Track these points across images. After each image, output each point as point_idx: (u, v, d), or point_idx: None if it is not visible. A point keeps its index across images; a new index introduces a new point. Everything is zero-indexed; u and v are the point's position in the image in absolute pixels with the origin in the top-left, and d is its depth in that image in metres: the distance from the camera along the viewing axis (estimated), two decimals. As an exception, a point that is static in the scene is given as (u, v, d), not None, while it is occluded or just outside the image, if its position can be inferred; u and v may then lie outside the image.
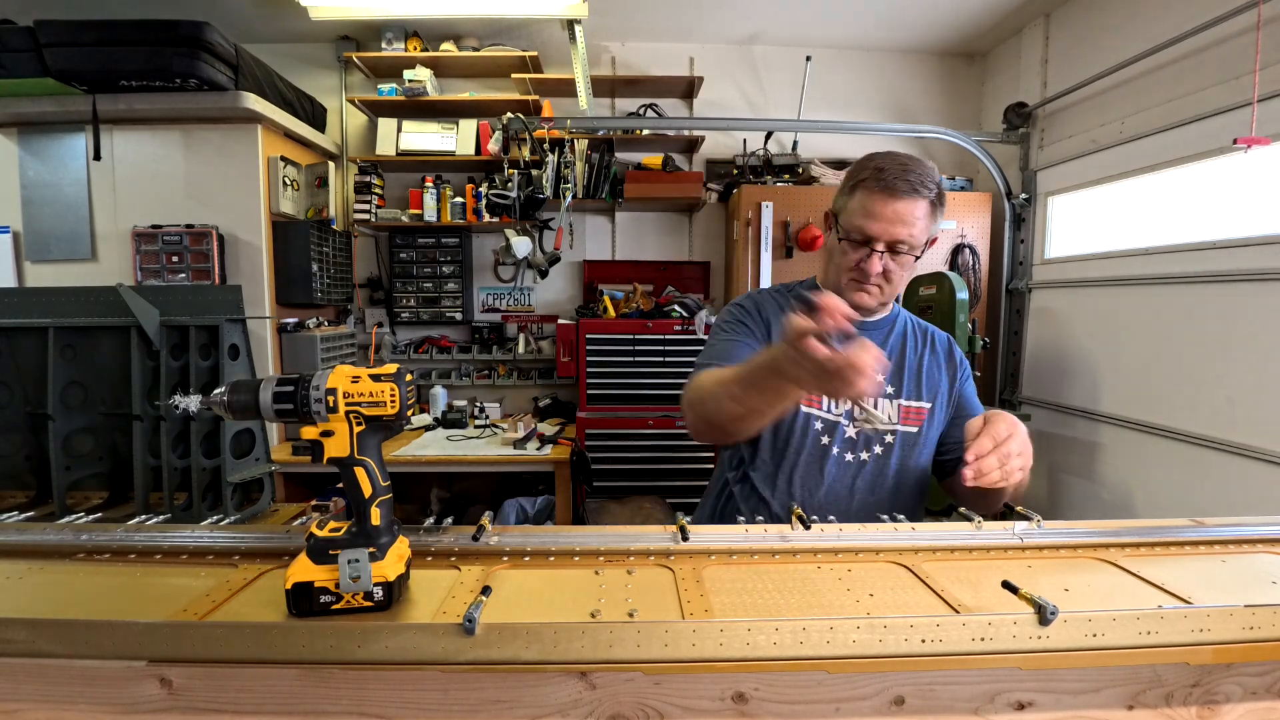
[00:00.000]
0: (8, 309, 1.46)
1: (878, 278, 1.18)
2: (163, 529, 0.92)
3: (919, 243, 1.17)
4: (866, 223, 1.14)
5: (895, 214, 1.13)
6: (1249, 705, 0.73)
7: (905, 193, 1.12)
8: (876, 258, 1.15)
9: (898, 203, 1.12)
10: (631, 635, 0.66)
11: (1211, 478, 2.37)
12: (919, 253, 1.18)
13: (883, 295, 1.23)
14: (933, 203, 1.16)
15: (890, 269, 1.18)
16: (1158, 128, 2.61)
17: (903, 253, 1.16)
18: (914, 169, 1.14)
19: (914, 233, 1.14)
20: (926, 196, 1.14)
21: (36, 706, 0.69)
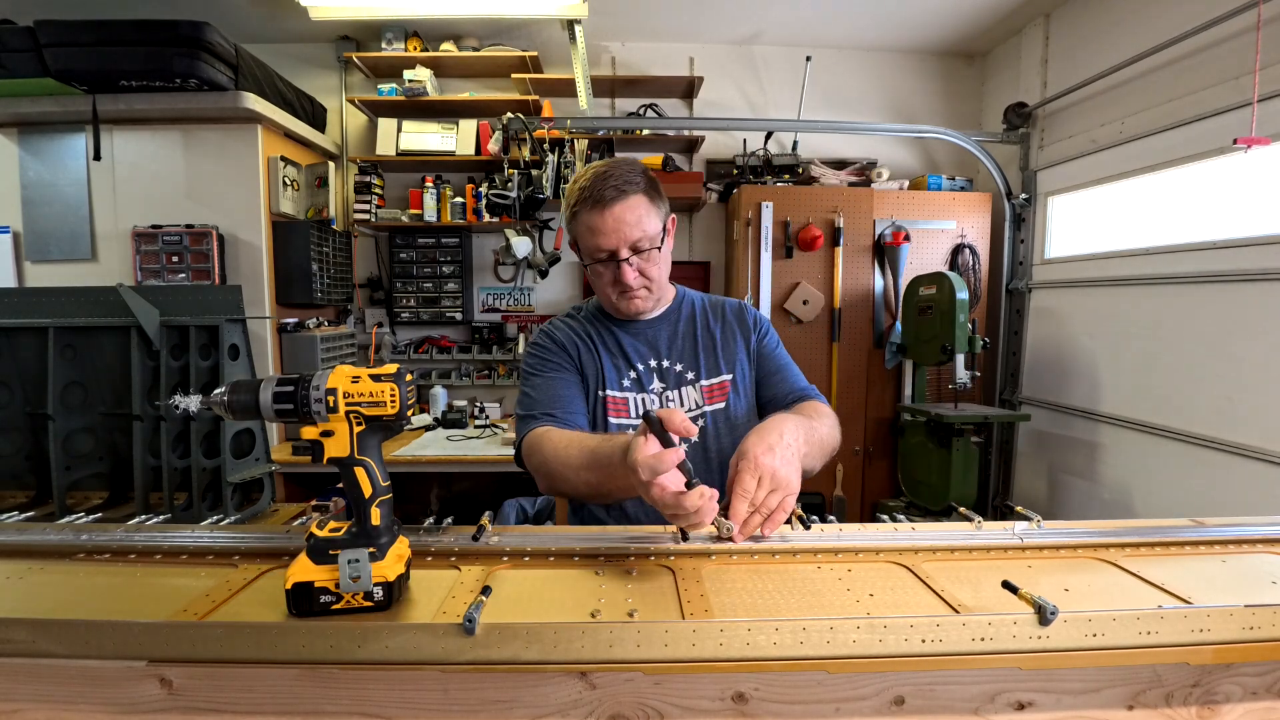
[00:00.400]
0: (8, 309, 1.46)
1: (639, 281, 1.21)
2: (163, 529, 0.92)
3: (655, 233, 1.20)
4: (597, 240, 1.17)
5: (616, 220, 1.15)
6: (1249, 705, 0.73)
7: (613, 198, 1.15)
8: (626, 267, 1.18)
9: (613, 209, 1.15)
10: (631, 635, 0.66)
11: (1211, 478, 2.37)
12: (660, 243, 1.21)
13: (652, 294, 1.26)
14: (646, 193, 1.19)
15: (644, 269, 1.21)
16: (1158, 128, 2.61)
17: (645, 249, 1.19)
18: (612, 172, 1.17)
19: (644, 228, 1.17)
20: (635, 191, 1.17)
21: (36, 706, 0.69)
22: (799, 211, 3.33)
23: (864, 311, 3.42)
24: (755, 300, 3.35)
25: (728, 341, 1.33)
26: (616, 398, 1.27)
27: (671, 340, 1.32)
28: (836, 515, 1.38)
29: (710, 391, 1.28)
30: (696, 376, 1.29)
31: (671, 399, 1.27)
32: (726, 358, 1.31)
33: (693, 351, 1.31)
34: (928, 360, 3.09)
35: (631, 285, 1.20)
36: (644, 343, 1.31)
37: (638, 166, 1.21)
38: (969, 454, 2.87)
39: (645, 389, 1.27)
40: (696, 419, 1.26)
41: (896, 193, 3.43)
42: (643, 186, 1.18)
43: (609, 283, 1.22)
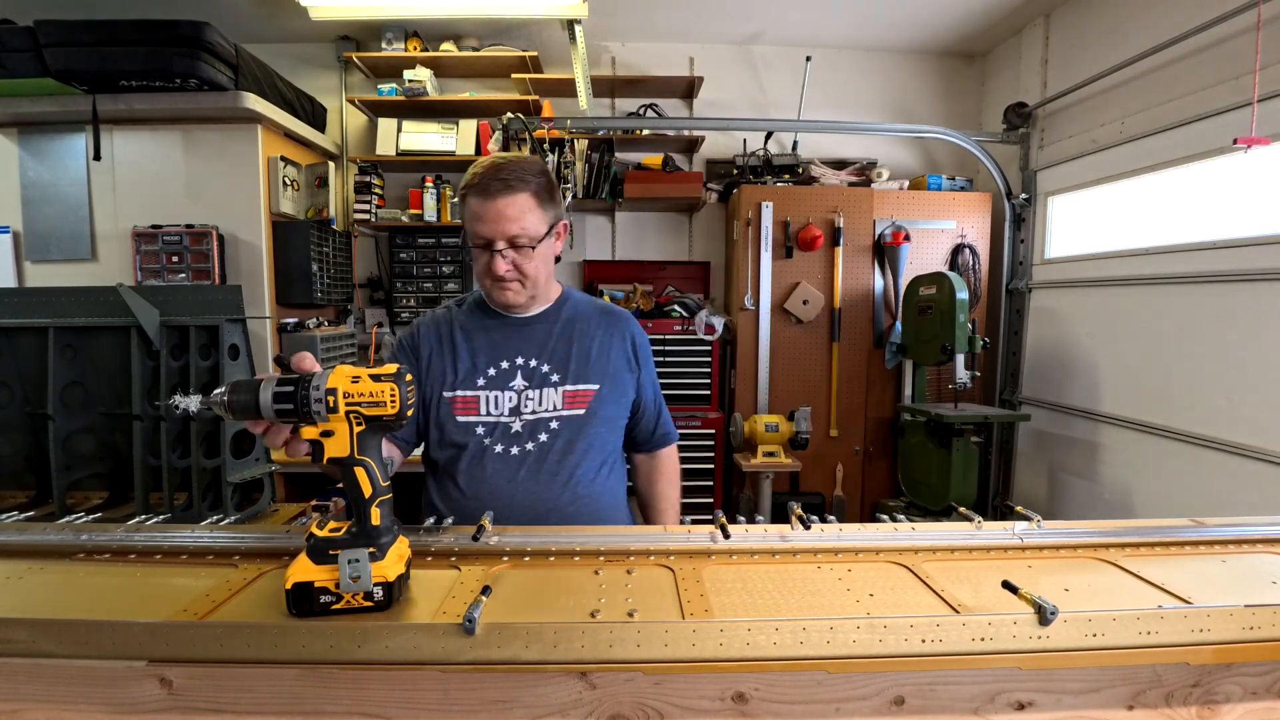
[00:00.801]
0: (8, 309, 1.46)
1: (511, 274, 1.22)
2: (163, 529, 0.92)
3: (536, 233, 1.21)
4: (478, 227, 1.19)
5: (497, 213, 1.17)
6: (1249, 705, 0.73)
7: (499, 191, 1.17)
8: (498, 257, 1.20)
9: (496, 201, 1.17)
10: (631, 635, 0.66)
11: (1211, 478, 2.37)
12: (536, 243, 1.21)
13: (525, 289, 1.26)
14: (536, 193, 1.20)
15: (518, 262, 1.22)
16: (1158, 128, 2.61)
17: (522, 245, 1.20)
18: (506, 167, 1.19)
19: (524, 225, 1.19)
20: (524, 189, 1.18)
21: (36, 706, 0.69)
22: (799, 211, 3.33)
23: (864, 311, 3.42)
24: (755, 300, 3.35)
25: (604, 353, 1.33)
26: (466, 396, 1.27)
27: (545, 340, 1.31)
28: (836, 515, 1.38)
29: (572, 397, 1.28)
30: (561, 380, 1.29)
31: (531, 398, 1.27)
32: (598, 368, 1.31)
33: (564, 355, 1.30)
34: (928, 360, 3.09)
35: (504, 276, 1.21)
36: (516, 340, 1.31)
37: (535, 167, 1.23)
38: (969, 454, 2.87)
39: (506, 386, 1.28)
40: (550, 421, 1.26)
41: (896, 193, 3.43)
42: (532, 187, 1.20)
43: (483, 270, 1.23)
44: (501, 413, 1.26)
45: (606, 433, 1.30)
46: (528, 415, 1.26)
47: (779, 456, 3.03)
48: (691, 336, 3.30)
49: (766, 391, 3.38)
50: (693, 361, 3.33)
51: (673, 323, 3.31)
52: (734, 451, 3.24)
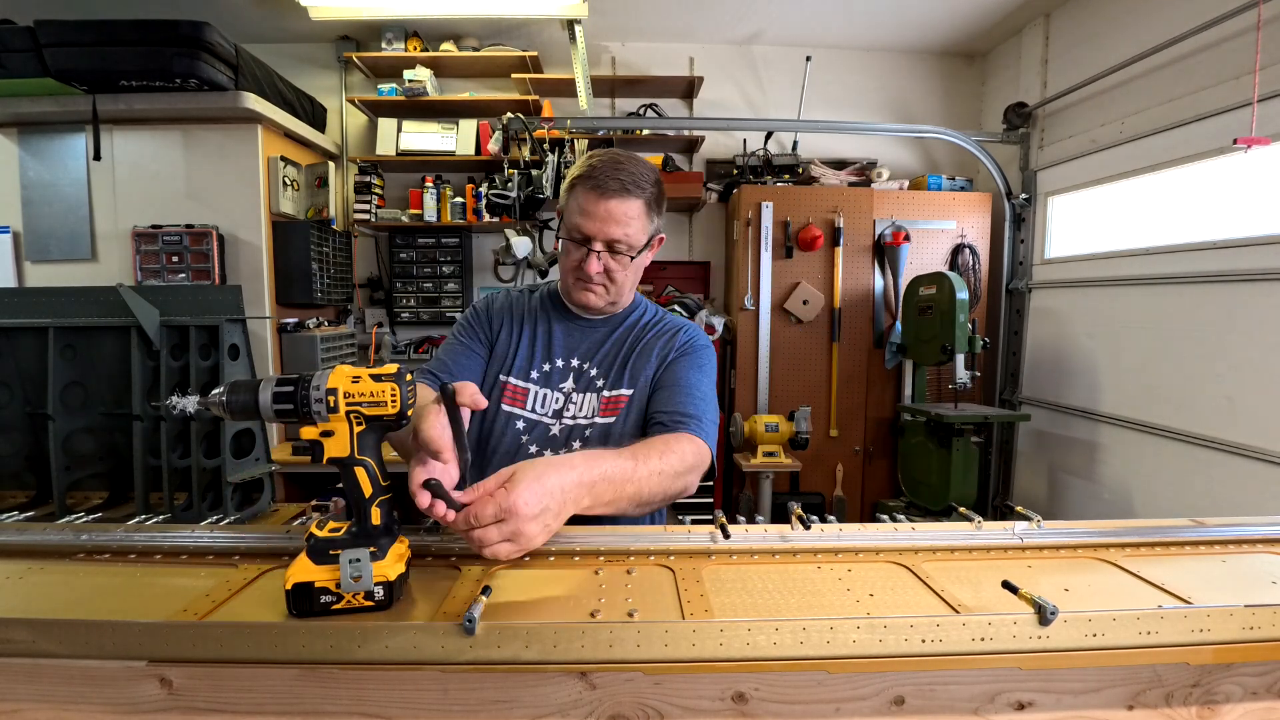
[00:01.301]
0: (8, 309, 1.46)
1: (600, 277, 1.18)
2: (163, 529, 0.92)
3: (636, 242, 1.17)
4: (582, 222, 1.15)
5: (608, 213, 1.13)
6: (1249, 705, 0.73)
7: (616, 191, 1.12)
8: (594, 257, 1.15)
9: (609, 201, 1.13)
10: (631, 635, 0.66)
11: (1211, 478, 2.37)
12: (636, 253, 1.18)
13: (608, 295, 1.22)
14: (648, 202, 1.16)
15: (611, 268, 1.18)
16: (1158, 128, 2.61)
17: (620, 252, 1.16)
18: (627, 168, 1.14)
19: (629, 232, 1.14)
20: (640, 196, 1.14)
21: (36, 706, 0.69)
22: (799, 211, 3.33)
23: (864, 311, 3.42)
24: (755, 300, 3.35)
25: (643, 358, 1.26)
26: (518, 386, 1.23)
27: (600, 344, 1.27)
28: (836, 515, 1.37)
29: (608, 403, 1.22)
30: (604, 385, 1.24)
31: (575, 401, 1.22)
32: (634, 373, 1.24)
33: (612, 361, 1.25)
34: (928, 360, 3.09)
35: (592, 277, 1.17)
36: (576, 339, 1.27)
37: (652, 175, 1.18)
38: (969, 454, 2.87)
39: (555, 385, 1.24)
40: (585, 429, 1.20)
41: (896, 193, 3.43)
42: (647, 194, 1.16)
43: (572, 265, 1.19)
44: (546, 413, 1.22)
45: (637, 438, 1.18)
46: (568, 419, 1.21)
47: (779, 456, 3.03)
48: (691, 336, 3.30)
49: (766, 391, 3.38)
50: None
51: (673, 323, 3.31)
52: (734, 451, 3.24)
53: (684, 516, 2.96)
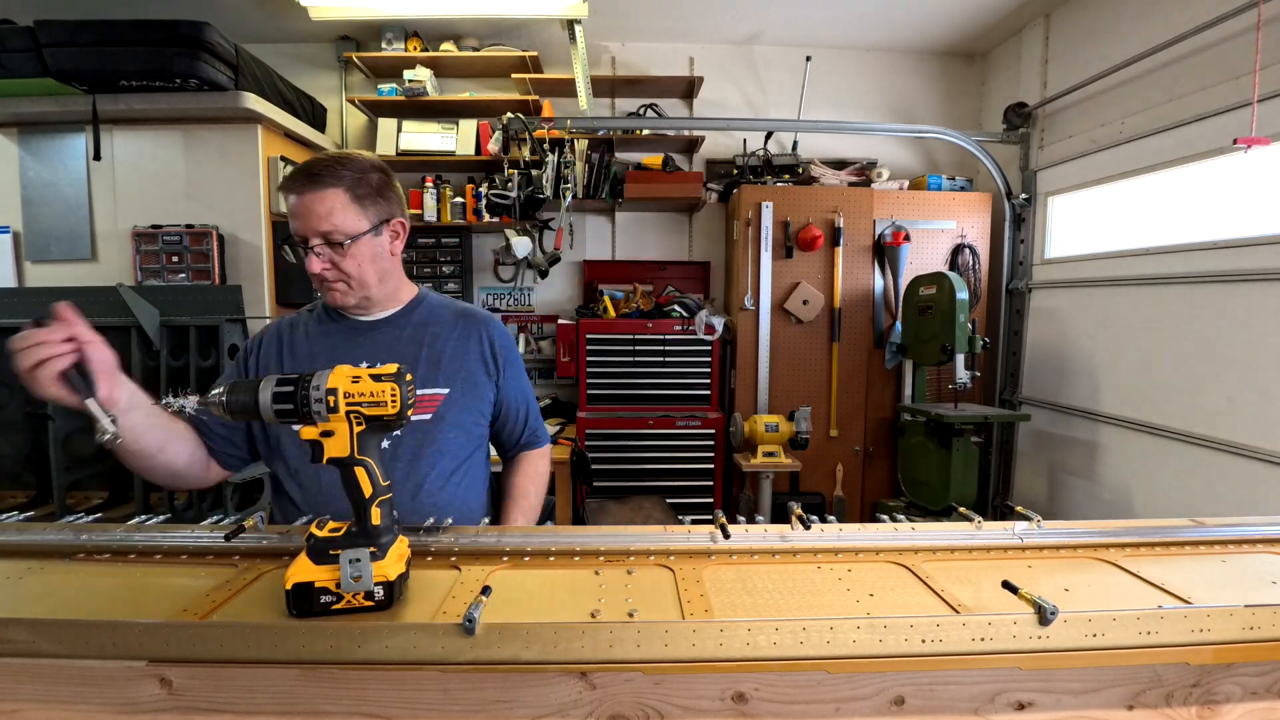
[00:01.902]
0: (8, 309, 1.46)
1: (331, 273, 1.18)
2: (163, 529, 0.92)
3: (350, 230, 1.16)
4: (293, 224, 1.17)
5: (306, 209, 1.14)
6: (1249, 705, 0.73)
7: (307, 188, 1.14)
8: (313, 256, 1.16)
9: (304, 198, 1.14)
10: (631, 635, 0.66)
11: (1211, 478, 2.37)
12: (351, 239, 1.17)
13: (354, 289, 1.21)
14: (350, 188, 1.17)
15: (337, 262, 1.18)
16: (1158, 128, 2.61)
17: (337, 242, 1.16)
18: (319, 163, 1.16)
19: (336, 223, 1.15)
20: (336, 184, 1.15)
21: (36, 706, 0.69)
22: (799, 211, 3.33)
23: (864, 311, 3.42)
24: (755, 300, 3.35)
25: (458, 356, 1.29)
26: None
27: (391, 345, 1.27)
28: (836, 515, 1.38)
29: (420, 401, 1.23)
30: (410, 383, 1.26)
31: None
32: (449, 371, 1.27)
33: (412, 359, 1.26)
34: (928, 360, 3.09)
35: (324, 276, 1.18)
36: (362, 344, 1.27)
37: (355, 164, 1.19)
38: (969, 454, 2.87)
39: None
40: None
41: (896, 193, 3.43)
42: (345, 183, 1.16)
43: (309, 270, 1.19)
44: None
45: (458, 438, 1.26)
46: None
47: (779, 456, 3.03)
48: (691, 336, 3.30)
49: (766, 391, 3.38)
50: (693, 361, 3.33)
51: (673, 323, 3.31)
52: (734, 451, 3.24)
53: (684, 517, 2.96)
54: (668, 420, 3.27)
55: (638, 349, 3.30)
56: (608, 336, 3.29)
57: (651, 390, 3.32)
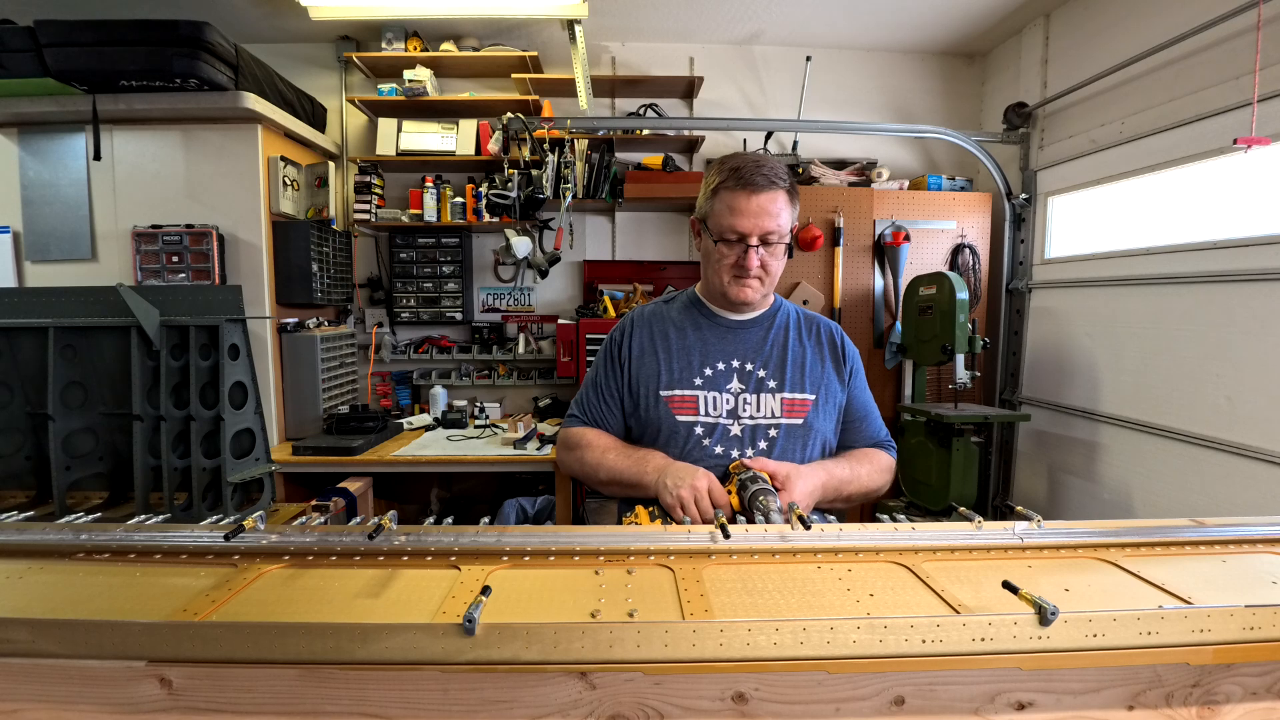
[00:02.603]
0: (8, 309, 1.46)
1: (757, 270, 1.25)
2: (162, 529, 0.92)
3: (785, 231, 1.25)
4: (736, 220, 1.21)
5: (759, 208, 1.20)
6: (1249, 705, 0.73)
7: (764, 186, 1.20)
8: (753, 252, 1.22)
9: (759, 196, 1.20)
10: (631, 635, 0.66)
11: (1211, 478, 2.37)
12: (787, 240, 1.25)
13: (763, 288, 1.30)
14: (788, 191, 1.25)
15: (766, 261, 1.25)
16: (1158, 128, 2.61)
17: (774, 243, 1.23)
18: (766, 164, 1.22)
19: (779, 223, 1.22)
20: (782, 187, 1.23)
21: (36, 706, 0.69)
22: (799, 211, 3.32)
23: (864, 311, 3.42)
24: (755, 300, 3.34)
25: (817, 362, 1.35)
26: (684, 395, 1.28)
27: (760, 345, 1.33)
28: (836, 515, 1.38)
29: (790, 405, 1.29)
30: (779, 386, 1.30)
31: (749, 402, 1.27)
32: (813, 378, 1.33)
33: (780, 361, 1.32)
34: (928, 360, 3.09)
35: (750, 271, 1.24)
36: (731, 341, 1.33)
37: (784, 166, 1.26)
38: (969, 454, 2.87)
39: (722, 388, 1.28)
40: (769, 428, 1.27)
41: (896, 193, 3.43)
42: (787, 185, 1.24)
43: (729, 265, 1.25)
44: (720, 414, 1.27)
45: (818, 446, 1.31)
46: (746, 420, 1.26)
47: (779, 456, 3.03)
48: (691, 336, 3.30)
49: (766, 391, 3.38)
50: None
51: (673, 323, 3.31)
52: (734, 451, 3.24)
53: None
54: (668, 420, 3.26)
55: (638, 349, 3.30)
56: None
57: (651, 390, 3.32)
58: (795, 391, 1.29)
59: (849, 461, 1.30)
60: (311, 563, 0.85)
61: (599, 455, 1.31)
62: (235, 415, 1.45)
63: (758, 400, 1.28)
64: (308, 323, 3.16)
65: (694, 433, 1.26)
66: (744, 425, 1.26)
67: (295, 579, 0.81)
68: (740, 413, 1.27)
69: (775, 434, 1.26)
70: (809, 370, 1.32)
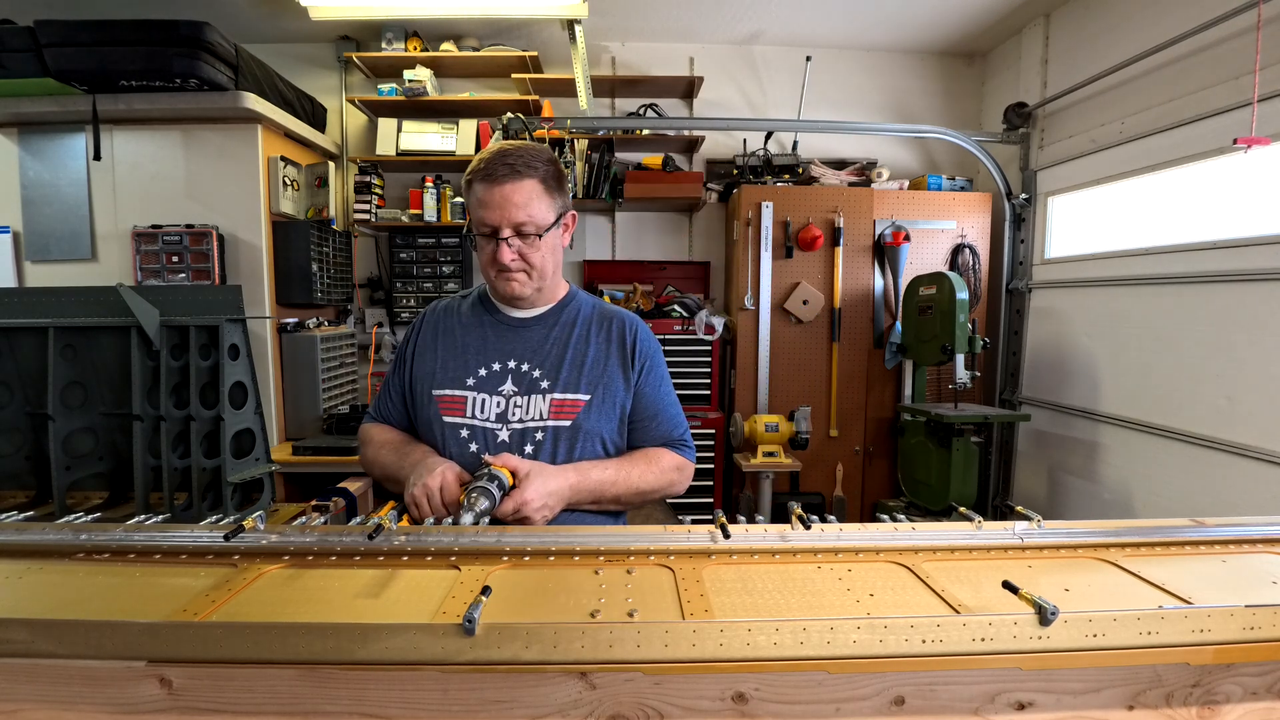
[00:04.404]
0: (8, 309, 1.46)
1: (517, 263, 1.20)
2: (162, 529, 0.92)
3: (542, 221, 1.19)
4: (484, 213, 1.18)
5: (504, 198, 1.15)
6: (1249, 705, 0.73)
7: (506, 177, 1.15)
8: (504, 246, 1.18)
9: (503, 187, 1.15)
10: (631, 635, 0.66)
11: (1211, 478, 2.37)
12: (543, 232, 1.19)
13: (532, 281, 1.24)
14: (543, 180, 1.19)
15: (525, 253, 1.20)
16: (1158, 128, 2.61)
17: (529, 233, 1.18)
18: (513, 153, 1.17)
19: (531, 213, 1.17)
20: (531, 176, 1.17)
21: (36, 706, 0.69)
22: (799, 211, 3.33)
23: (864, 311, 3.42)
24: (755, 300, 3.35)
25: (600, 361, 1.27)
26: (454, 396, 1.24)
27: (540, 344, 1.27)
28: (836, 515, 1.37)
29: (559, 406, 1.22)
30: (551, 387, 1.23)
31: (519, 405, 1.22)
32: (591, 377, 1.25)
33: (558, 361, 1.26)
34: (928, 360, 3.09)
35: (509, 266, 1.19)
36: (511, 340, 1.28)
37: (544, 154, 1.21)
38: (969, 454, 2.87)
39: (494, 390, 1.23)
40: (536, 431, 1.21)
41: (896, 193, 3.43)
42: (540, 174, 1.18)
43: (489, 260, 1.21)
44: (488, 417, 1.22)
45: (595, 447, 1.25)
46: (515, 424, 1.22)
47: (779, 456, 3.03)
48: (691, 336, 3.30)
49: (766, 391, 3.38)
50: (693, 361, 3.33)
51: (673, 323, 3.31)
52: (734, 451, 3.24)
53: (684, 516, 2.97)
54: (668, 420, 3.27)
55: (638, 349, 3.30)
56: (608, 336, 3.29)
57: (651, 390, 3.32)
58: (567, 392, 1.23)
59: (619, 462, 1.23)
60: (311, 563, 0.85)
61: (374, 451, 1.29)
62: (235, 415, 1.45)
63: (528, 402, 1.22)
64: (308, 323, 3.16)
65: (460, 435, 1.22)
66: (512, 429, 1.21)
67: (295, 579, 0.81)
68: (510, 416, 1.22)
69: (542, 437, 1.21)
70: (588, 369, 1.26)
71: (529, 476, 1.08)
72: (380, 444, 1.30)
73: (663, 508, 2.98)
